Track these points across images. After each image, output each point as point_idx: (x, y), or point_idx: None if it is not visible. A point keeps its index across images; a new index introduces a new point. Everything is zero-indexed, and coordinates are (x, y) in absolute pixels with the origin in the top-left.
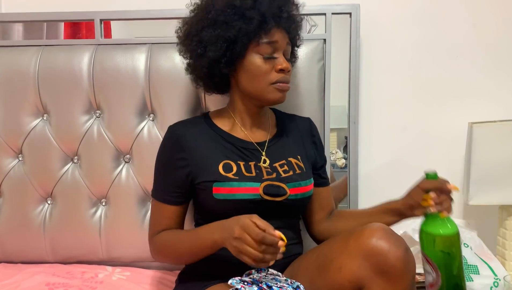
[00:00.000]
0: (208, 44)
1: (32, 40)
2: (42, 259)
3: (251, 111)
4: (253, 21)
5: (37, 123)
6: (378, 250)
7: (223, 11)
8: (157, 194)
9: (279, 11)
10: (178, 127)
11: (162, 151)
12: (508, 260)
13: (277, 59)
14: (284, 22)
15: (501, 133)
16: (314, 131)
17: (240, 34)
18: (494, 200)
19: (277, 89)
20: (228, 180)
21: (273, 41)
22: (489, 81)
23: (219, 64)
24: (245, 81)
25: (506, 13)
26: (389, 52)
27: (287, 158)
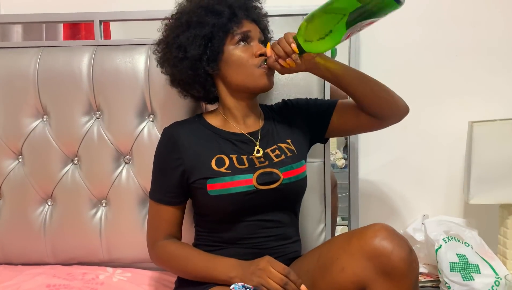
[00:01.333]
0: (187, 45)
1: (32, 42)
2: (42, 260)
3: (242, 105)
4: (224, 13)
5: (37, 125)
6: (381, 251)
7: (194, 12)
8: (154, 195)
9: (247, 3)
10: (171, 128)
11: (158, 152)
12: (509, 259)
13: (254, 46)
14: (253, 13)
15: (502, 132)
16: (293, 104)
17: (215, 29)
18: (494, 199)
19: (264, 72)
20: (220, 175)
21: (245, 31)
22: (489, 80)
23: (201, 63)
24: (232, 74)
25: (506, 12)
26: (388, 51)
27: (277, 144)
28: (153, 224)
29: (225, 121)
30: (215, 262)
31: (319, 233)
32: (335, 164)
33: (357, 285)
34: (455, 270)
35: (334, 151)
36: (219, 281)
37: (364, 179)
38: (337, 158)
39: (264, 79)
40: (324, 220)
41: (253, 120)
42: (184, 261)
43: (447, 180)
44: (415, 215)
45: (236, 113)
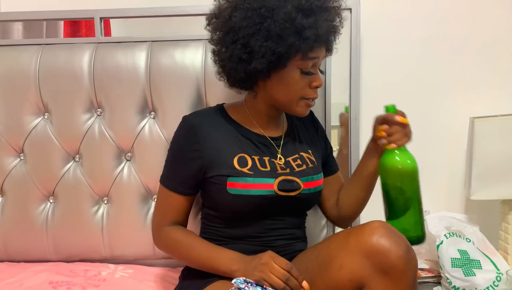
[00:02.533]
0: (255, 53)
1: (33, 39)
2: (45, 257)
3: (271, 113)
4: (308, 41)
5: (38, 122)
6: (379, 249)
7: (281, 24)
8: (166, 181)
9: (332, 33)
10: (193, 117)
11: (176, 140)
12: (510, 254)
13: (314, 76)
14: (328, 42)
15: (503, 128)
16: (317, 122)
17: (290, 50)
18: (496, 194)
19: (307, 104)
20: (243, 175)
21: (314, 57)
22: (490, 76)
23: (259, 73)
24: (277, 90)
25: (507, 7)
26: (389, 47)
27: (299, 153)
28: (161, 210)
29: (248, 118)
30: (219, 253)
31: (321, 228)
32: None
33: (355, 283)
34: (456, 266)
35: (335, 148)
36: (221, 272)
37: None
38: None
39: (304, 110)
40: None
41: (276, 125)
42: (188, 249)
43: (448, 176)
44: None
45: (262, 116)
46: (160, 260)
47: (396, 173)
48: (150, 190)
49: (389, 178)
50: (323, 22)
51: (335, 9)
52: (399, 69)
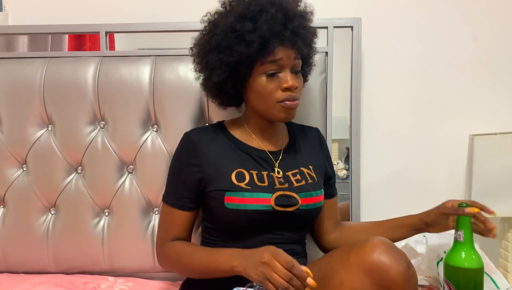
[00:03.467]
0: (213, 68)
1: (39, 52)
2: (44, 269)
3: (264, 125)
4: (254, 44)
5: (42, 134)
6: (379, 265)
7: (225, 36)
8: (168, 198)
9: (282, 29)
10: (193, 133)
11: (177, 156)
12: (510, 272)
13: (283, 77)
14: (289, 39)
15: (502, 146)
16: (323, 142)
17: (243, 58)
18: (495, 212)
19: (284, 107)
20: (240, 189)
21: (277, 59)
22: (489, 93)
23: (225, 86)
24: (253, 100)
25: (506, 26)
26: (390, 65)
27: (300, 168)
28: (164, 227)
29: (247, 133)
30: (218, 253)
31: None
32: (337, 174)
33: None
34: None
35: (336, 162)
36: (223, 272)
37: (365, 190)
38: (338, 168)
39: (283, 114)
40: None
41: (276, 138)
42: (190, 257)
43: (448, 193)
44: None
45: (258, 129)
46: (160, 274)
47: (472, 272)
48: (151, 202)
49: (466, 277)
50: (263, 24)
51: (278, 7)
52: (400, 86)
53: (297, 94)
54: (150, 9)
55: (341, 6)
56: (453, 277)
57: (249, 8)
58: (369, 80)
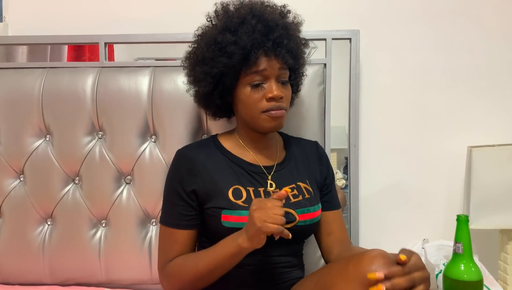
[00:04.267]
0: (199, 80)
1: (38, 62)
2: (40, 281)
3: (255, 136)
4: (235, 56)
5: (40, 144)
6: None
7: (208, 48)
8: (167, 220)
9: (264, 40)
10: (187, 151)
11: (172, 175)
12: (509, 284)
13: (268, 87)
14: (271, 50)
15: (500, 157)
16: (321, 153)
17: (226, 69)
18: (494, 224)
19: (269, 117)
20: (237, 208)
21: (260, 70)
22: (487, 105)
23: (212, 97)
24: (241, 110)
25: (502, 39)
26: (388, 76)
27: (297, 182)
28: (165, 250)
29: (240, 146)
30: (220, 244)
31: (318, 257)
32: (336, 184)
33: None
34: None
35: (335, 171)
36: (231, 256)
37: (363, 200)
38: (337, 178)
39: (269, 123)
40: None
41: (270, 151)
42: (194, 263)
43: (446, 205)
44: (414, 239)
45: (250, 142)
46: (157, 285)
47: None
48: (149, 213)
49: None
50: (243, 35)
51: (259, 18)
52: (398, 98)
53: (283, 104)
54: (149, 20)
55: (339, 18)
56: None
57: (232, 21)
58: (368, 92)
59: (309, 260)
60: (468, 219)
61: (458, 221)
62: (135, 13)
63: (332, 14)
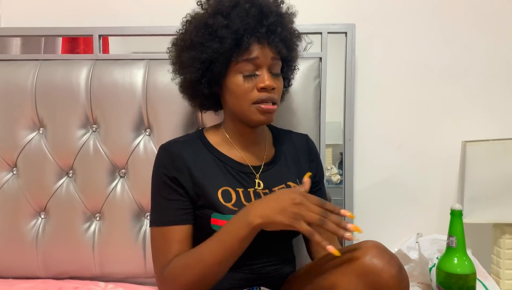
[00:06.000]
0: (186, 66)
1: (31, 55)
2: (33, 274)
3: (243, 131)
4: (227, 40)
5: (33, 137)
6: (372, 269)
7: (198, 32)
8: (160, 219)
9: (258, 26)
10: (171, 146)
11: (158, 171)
12: (502, 278)
13: (259, 77)
14: (264, 36)
15: (494, 152)
16: (311, 148)
17: (216, 55)
18: (487, 218)
19: (259, 110)
20: (227, 211)
21: (252, 58)
22: (481, 100)
23: (200, 85)
24: (230, 101)
25: (498, 34)
26: (383, 71)
27: (286, 182)
28: (161, 252)
29: (228, 143)
30: (224, 230)
31: None
32: (330, 179)
33: None
34: None
35: (330, 167)
36: (243, 239)
37: (358, 195)
38: (332, 173)
39: (259, 116)
40: None
41: (258, 148)
42: (199, 257)
43: (441, 199)
44: (409, 233)
45: (238, 138)
46: (152, 279)
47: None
48: (143, 207)
49: (458, 283)
50: (236, 18)
51: (253, 3)
52: (393, 92)
53: (275, 95)
54: (145, 12)
55: (335, 12)
56: (445, 283)
57: (224, 4)
58: (363, 86)
59: (300, 253)
60: (462, 213)
61: (451, 215)
62: (130, 6)
63: (327, 8)
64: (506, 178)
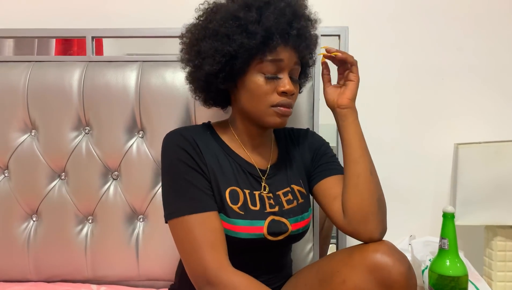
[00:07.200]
0: (206, 56)
1: (23, 56)
2: (25, 277)
3: (252, 132)
4: (257, 36)
5: (25, 139)
6: (382, 265)
7: (225, 22)
8: (191, 206)
9: (288, 27)
10: (183, 132)
11: (176, 156)
12: (494, 280)
13: (281, 80)
14: (293, 40)
15: (486, 154)
16: (312, 142)
17: (241, 50)
18: (479, 220)
19: (277, 113)
20: (233, 215)
21: (278, 59)
22: (474, 103)
23: (216, 79)
24: (245, 100)
25: (490, 36)
26: (377, 74)
27: (291, 185)
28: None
29: (234, 140)
30: None
31: (306, 252)
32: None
33: None
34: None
35: None
36: None
37: None
38: None
39: (275, 119)
40: (312, 239)
41: (265, 150)
42: None
43: (433, 201)
44: (402, 235)
45: (245, 137)
46: (144, 282)
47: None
48: (136, 210)
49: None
50: (270, 15)
51: (287, 2)
52: (386, 95)
53: (292, 101)
54: (138, 14)
55: (328, 15)
56: (438, 285)
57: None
58: None
59: (297, 257)
60: (454, 216)
61: (444, 218)
62: (124, 8)
63: (321, 10)
64: (498, 180)
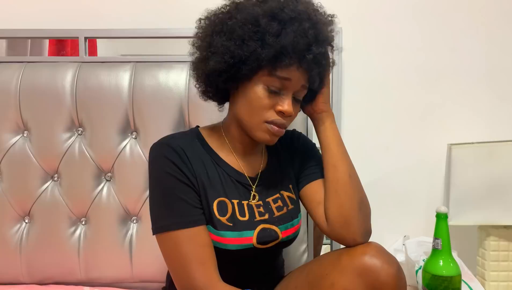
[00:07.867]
0: (215, 52)
1: (15, 57)
2: (17, 280)
3: (245, 140)
4: (270, 50)
5: (17, 140)
6: (371, 267)
7: (244, 24)
8: (180, 220)
9: (306, 51)
10: (171, 142)
11: (164, 169)
12: (487, 280)
13: (282, 98)
14: (307, 64)
15: (480, 155)
16: (300, 144)
17: (252, 57)
18: (473, 220)
19: (269, 130)
20: (221, 227)
21: (286, 78)
22: (467, 103)
23: (218, 77)
24: (240, 106)
25: (484, 37)
26: (370, 74)
27: (280, 191)
28: (193, 260)
29: (224, 144)
30: None
31: (301, 253)
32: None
33: None
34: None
35: None
36: None
37: None
38: None
39: (266, 136)
40: (307, 240)
41: (255, 157)
42: None
43: (427, 201)
44: (396, 236)
45: (237, 144)
46: (138, 283)
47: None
48: (129, 211)
49: (444, 284)
50: (291, 32)
51: (313, 25)
52: (380, 96)
53: (287, 122)
54: (132, 15)
55: None
56: (431, 285)
57: (282, 10)
58: (350, 90)
59: (291, 257)
60: (447, 216)
61: (437, 218)
62: (117, 8)
63: None
64: (491, 180)
